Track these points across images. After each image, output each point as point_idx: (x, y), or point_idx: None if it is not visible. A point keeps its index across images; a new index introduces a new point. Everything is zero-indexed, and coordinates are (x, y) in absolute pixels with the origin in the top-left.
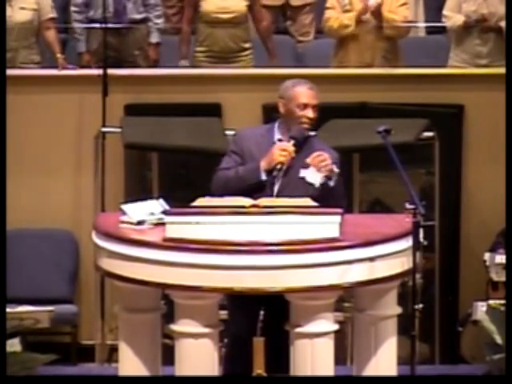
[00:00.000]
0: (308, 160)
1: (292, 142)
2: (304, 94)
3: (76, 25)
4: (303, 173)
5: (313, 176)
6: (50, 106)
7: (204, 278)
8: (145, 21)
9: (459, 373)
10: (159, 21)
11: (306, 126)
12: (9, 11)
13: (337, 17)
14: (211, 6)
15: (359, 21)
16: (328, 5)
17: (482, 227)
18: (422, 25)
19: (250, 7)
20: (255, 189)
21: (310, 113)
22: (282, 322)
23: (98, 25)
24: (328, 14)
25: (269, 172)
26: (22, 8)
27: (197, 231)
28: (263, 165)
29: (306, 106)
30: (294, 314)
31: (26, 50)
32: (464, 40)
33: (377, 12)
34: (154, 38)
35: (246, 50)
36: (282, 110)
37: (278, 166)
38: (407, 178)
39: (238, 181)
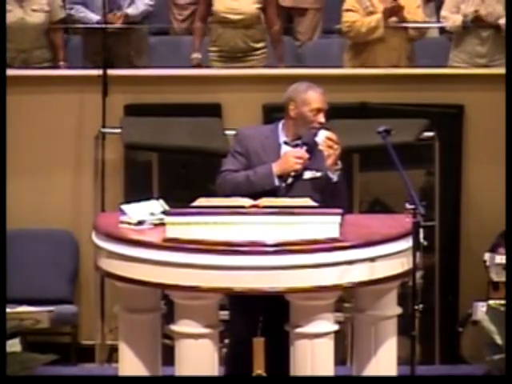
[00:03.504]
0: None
1: (305, 147)
2: (317, 98)
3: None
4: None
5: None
6: (50, 106)
7: (204, 278)
8: (142, 21)
9: (459, 373)
10: (150, 2)
11: (315, 130)
12: (20, 13)
13: (362, 20)
14: (221, 6)
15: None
16: (348, 7)
17: (482, 227)
18: (437, 25)
19: (264, 10)
20: (267, 193)
21: (322, 118)
22: (282, 322)
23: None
24: (349, 16)
25: (280, 176)
26: (34, 10)
27: (197, 231)
28: (276, 171)
29: (319, 110)
30: (294, 315)
31: (39, 50)
32: (463, 40)
33: (400, 13)
34: (131, 9)
35: (257, 49)
36: (292, 112)
37: (293, 173)
38: (407, 178)
39: (249, 185)
